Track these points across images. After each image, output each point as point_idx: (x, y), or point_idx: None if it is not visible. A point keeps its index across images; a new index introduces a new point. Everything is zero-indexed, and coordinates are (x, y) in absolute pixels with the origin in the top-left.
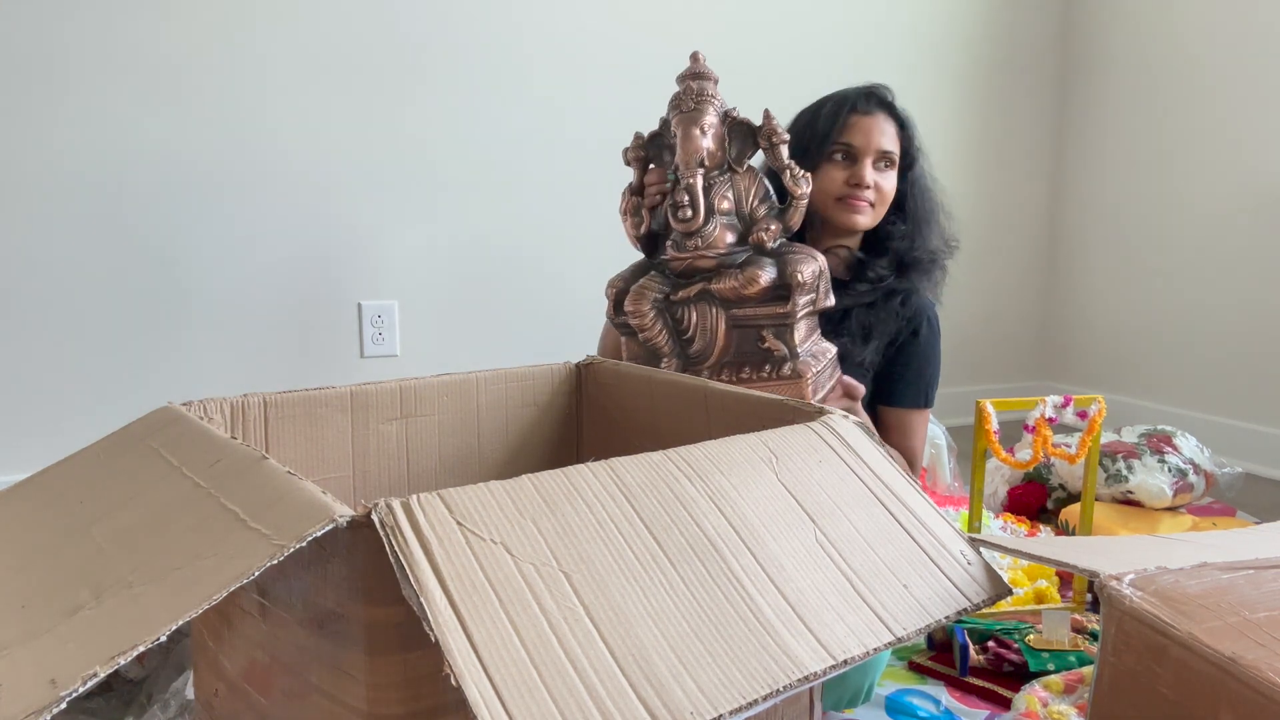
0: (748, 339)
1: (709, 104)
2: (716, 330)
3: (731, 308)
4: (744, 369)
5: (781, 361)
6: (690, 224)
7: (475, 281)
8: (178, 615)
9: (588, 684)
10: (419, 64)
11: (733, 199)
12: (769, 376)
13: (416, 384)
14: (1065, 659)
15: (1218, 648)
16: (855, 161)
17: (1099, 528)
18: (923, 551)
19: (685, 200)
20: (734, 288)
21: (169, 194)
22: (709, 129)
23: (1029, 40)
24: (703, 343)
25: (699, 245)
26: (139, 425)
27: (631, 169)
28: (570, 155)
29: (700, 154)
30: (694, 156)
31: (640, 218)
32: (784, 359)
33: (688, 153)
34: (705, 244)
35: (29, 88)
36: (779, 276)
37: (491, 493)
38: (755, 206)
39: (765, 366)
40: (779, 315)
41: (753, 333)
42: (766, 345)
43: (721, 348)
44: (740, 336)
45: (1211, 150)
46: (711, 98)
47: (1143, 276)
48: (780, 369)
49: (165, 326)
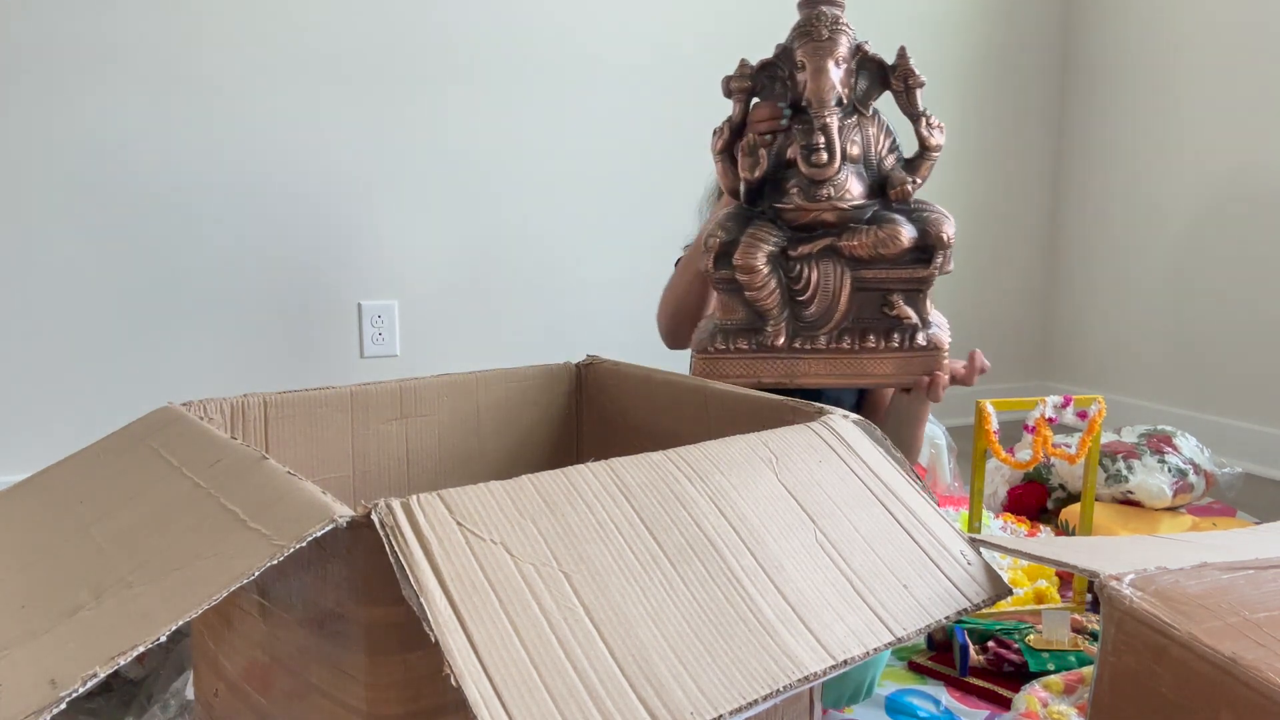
0: (870, 304)
1: (843, 34)
2: (839, 292)
3: (860, 268)
4: (868, 336)
5: (912, 330)
6: (826, 170)
7: (475, 281)
8: (178, 615)
9: (588, 684)
10: (419, 64)
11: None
12: (901, 347)
13: (416, 384)
14: (1065, 659)
15: (1218, 648)
16: None
17: (1099, 528)
18: (923, 551)
19: (821, 142)
20: (871, 245)
21: (169, 194)
22: (842, 62)
23: (1029, 41)
24: (822, 305)
25: (831, 194)
26: (139, 425)
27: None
28: (571, 155)
29: (837, 90)
30: (830, 93)
31: (755, 158)
32: (914, 327)
33: (823, 88)
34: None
35: (29, 87)
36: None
37: (491, 493)
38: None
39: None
40: (916, 279)
41: (876, 297)
42: (895, 312)
43: (843, 312)
44: (862, 301)
45: (1212, 150)
46: (845, 27)
47: (1143, 276)
48: (913, 339)
49: (165, 326)
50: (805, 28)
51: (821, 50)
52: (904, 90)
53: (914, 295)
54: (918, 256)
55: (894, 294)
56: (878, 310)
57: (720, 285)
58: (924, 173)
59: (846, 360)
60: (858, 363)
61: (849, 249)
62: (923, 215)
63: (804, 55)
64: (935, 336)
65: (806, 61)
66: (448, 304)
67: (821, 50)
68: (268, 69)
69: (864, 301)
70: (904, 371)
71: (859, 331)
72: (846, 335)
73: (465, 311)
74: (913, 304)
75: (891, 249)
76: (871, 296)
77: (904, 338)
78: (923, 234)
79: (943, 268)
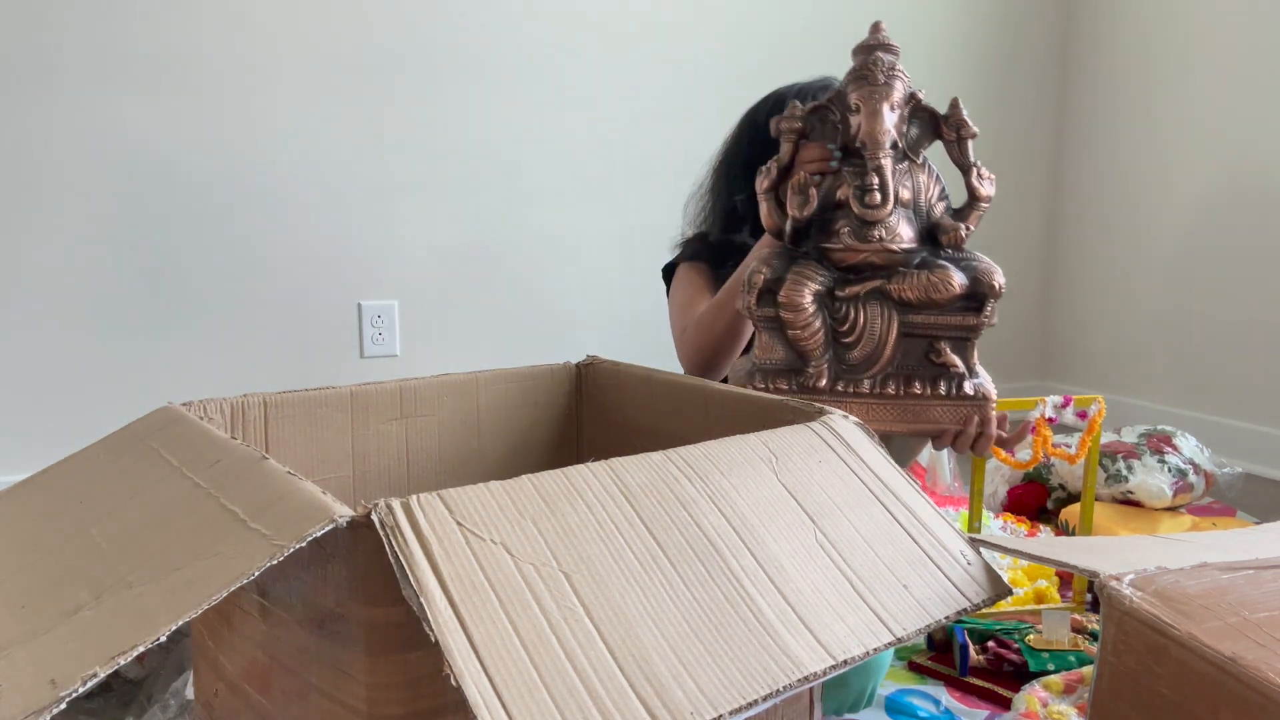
0: (915, 350)
1: (898, 80)
2: (886, 336)
3: (908, 313)
4: (914, 383)
5: (960, 379)
6: (879, 211)
7: (475, 281)
8: (178, 615)
9: (588, 684)
10: (420, 64)
11: (912, 190)
12: (948, 395)
13: (416, 384)
14: (1065, 659)
15: (1218, 648)
16: None
17: (1099, 528)
18: (923, 551)
19: (875, 184)
20: (922, 289)
21: (169, 194)
22: (897, 108)
23: (1029, 41)
24: (867, 349)
25: (883, 236)
26: (139, 425)
27: (781, 142)
28: (571, 155)
29: (892, 134)
30: (885, 136)
31: (805, 196)
32: (962, 376)
33: (878, 130)
34: (889, 235)
35: (29, 87)
36: (969, 284)
37: (491, 493)
38: (933, 203)
39: (940, 382)
40: (965, 326)
41: (922, 343)
42: (942, 359)
43: (888, 357)
44: (908, 347)
45: (1212, 150)
46: (901, 73)
47: (1143, 276)
48: (960, 387)
49: (165, 326)
50: (861, 72)
51: (877, 94)
52: (956, 140)
53: (961, 344)
54: (966, 305)
55: (941, 341)
56: (924, 357)
57: (762, 323)
58: (973, 222)
59: (890, 406)
60: (902, 409)
61: (898, 292)
62: (972, 264)
63: (859, 98)
64: (982, 386)
65: (862, 104)
66: (448, 304)
67: (877, 94)
68: (268, 69)
69: (910, 348)
70: (950, 420)
71: (904, 377)
72: (891, 380)
73: (465, 311)
74: (960, 352)
75: (942, 295)
76: (918, 343)
77: (951, 386)
78: (973, 282)
79: (991, 318)
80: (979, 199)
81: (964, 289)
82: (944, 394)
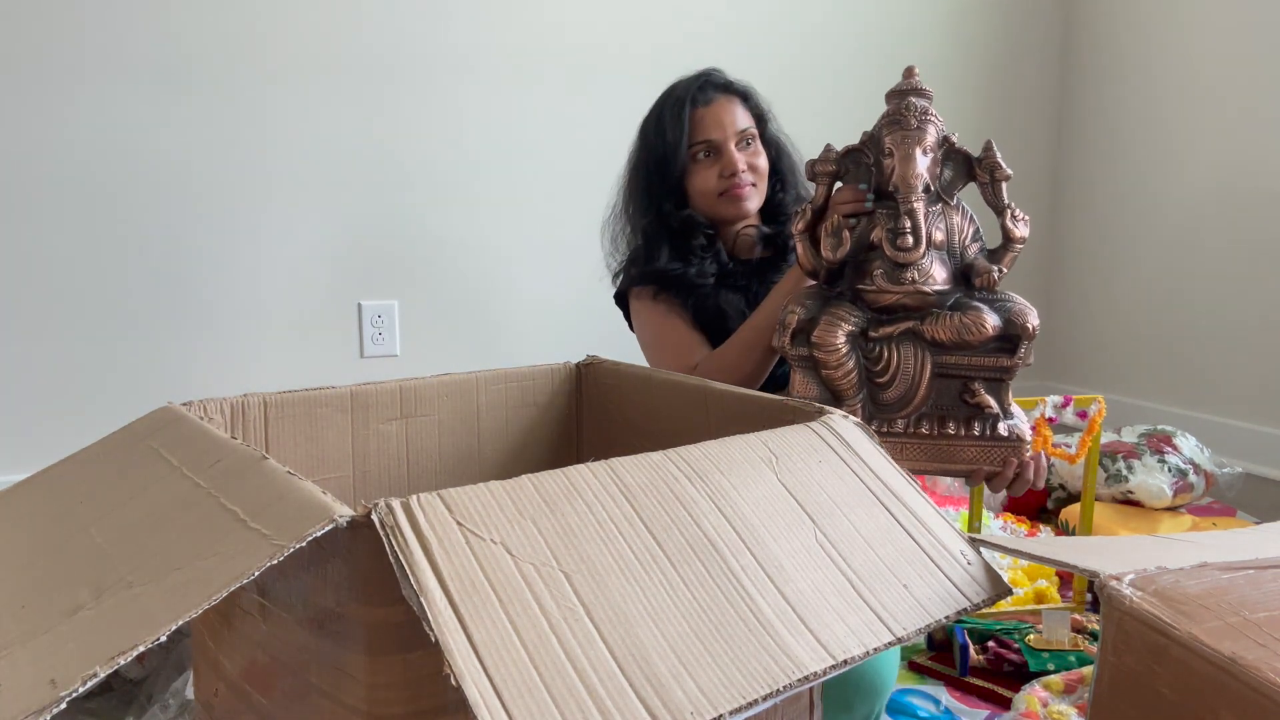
0: (949, 391)
1: (931, 124)
2: (920, 376)
3: (942, 353)
4: (948, 423)
5: (994, 419)
6: (912, 254)
7: (475, 281)
8: (178, 615)
9: (588, 684)
10: (420, 65)
11: (945, 232)
12: (982, 436)
13: (416, 384)
14: (1065, 659)
15: (1218, 648)
16: (719, 153)
17: (1099, 528)
18: (923, 551)
19: (908, 227)
20: (955, 330)
21: (169, 194)
22: (930, 151)
23: (1029, 41)
24: (902, 389)
25: (915, 278)
26: (139, 425)
27: (815, 184)
28: (571, 156)
29: (924, 178)
30: (918, 180)
31: (839, 239)
32: (996, 417)
33: (911, 175)
34: (922, 277)
35: (30, 87)
36: (1003, 325)
37: (491, 493)
38: (967, 244)
39: (974, 423)
40: (999, 368)
41: (955, 384)
42: (976, 400)
43: (922, 397)
44: (941, 387)
45: (1213, 150)
46: (934, 118)
47: (1143, 276)
48: (994, 428)
49: (165, 326)
50: (895, 116)
51: (910, 138)
52: (989, 183)
53: (995, 385)
54: (1000, 346)
55: (975, 382)
56: (957, 398)
57: (796, 362)
58: (1007, 263)
59: (925, 446)
60: (936, 449)
61: (931, 333)
62: (1006, 305)
63: (892, 143)
64: (1016, 428)
65: (895, 149)
66: (448, 304)
67: (910, 138)
68: (268, 69)
69: (943, 388)
70: (984, 460)
71: (938, 417)
72: (925, 421)
73: (465, 311)
74: (994, 393)
75: (976, 336)
76: (951, 384)
77: (985, 427)
78: (1007, 323)
79: (1026, 358)
80: (1013, 240)
81: (997, 330)
82: (978, 435)
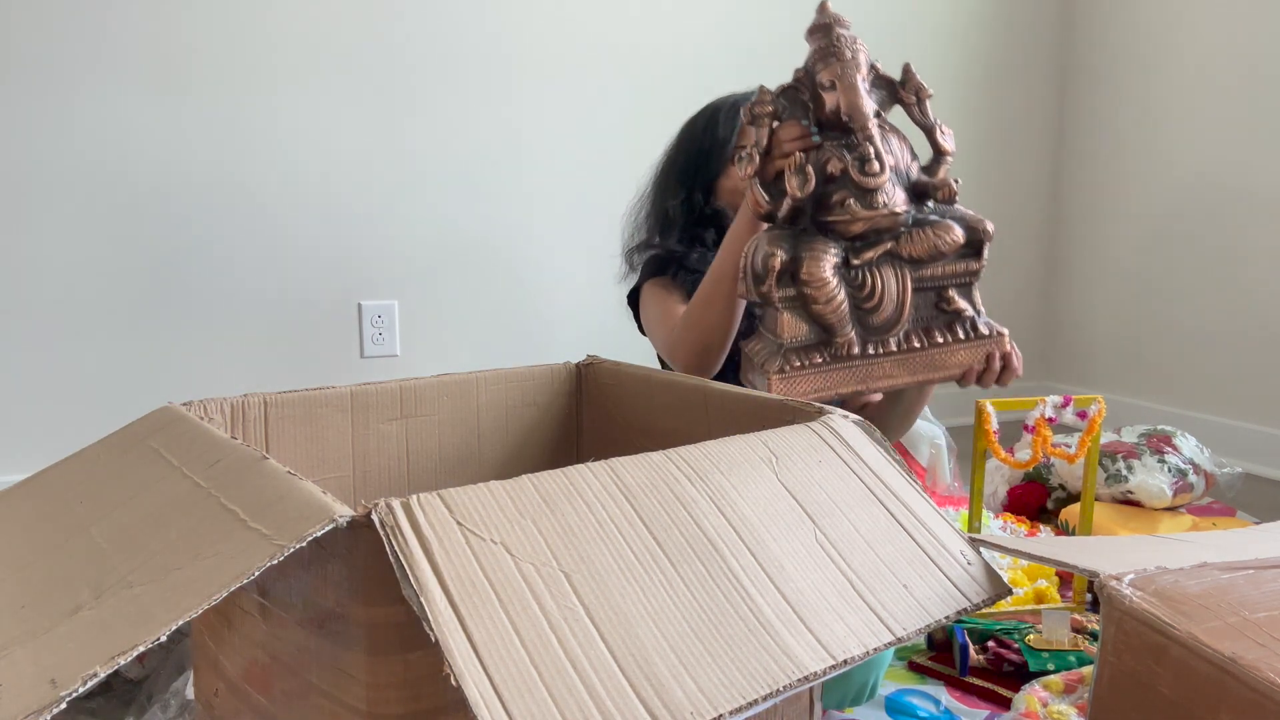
0: (925, 303)
1: (862, 52)
2: (904, 295)
3: (920, 268)
4: (934, 333)
5: (972, 320)
6: (880, 178)
7: (475, 281)
8: (178, 615)
9: (588, 684)
10: (420, 65)
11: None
12: (967, 338)
13: (416, 384)
14: (1065, 659)
15: (1218, 648)
16: None
17: (1099, 528)
18: (923, 551)
19: (872, 153)
20: (930, 245)
21: (169, 194)
22: (865, 79)
23: (1029, 43)
24: (889, 310)
25: (885, 202)
26: (139, 425)
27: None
28: (571, 155)
29: (872, 104)
30: (869, 106)
31: (804, 175)
32: (973, 318)
33: (860, 104)
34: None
35: (30, 87)
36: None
37: (491, 493)
38: (910, 164)
39: (957, 328)
40: (969, 272)
41: (930, 296)
42: (952, 306)
43: (907, 314)
44: (918, 301)
45: (1213, 150)
46: (862, 46)
47: (1143, 276)
48: (975, 328)
49: (165, 326)
50: (827, 49)
51: (849, 68)
52: (916, 103)
53: (966, 289)
54: (965, 252)
55: (949, 289)
56: (934, 308)
57: (783, 304)
58: (940, 175)
59: (919, 358)
60: (929, 358)
61: (908, 251)
62: (959, 214)
63: (831, 75)
64: (992, 324)
65: (836, 80)
66: (448, 304)
67: (849, 68)
68: (268, 69)
69: (920, 302)
70: (974, 360)
71: (923, 330)
72: (914, 335)
73: (465, 311)
74: (966, 297)
75: (949, 246)
76: (926, 296)
77: (966, 328)
78: (969, 230)
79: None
80: (944, 153)
81: (963, 238)
82: (964, 337)
